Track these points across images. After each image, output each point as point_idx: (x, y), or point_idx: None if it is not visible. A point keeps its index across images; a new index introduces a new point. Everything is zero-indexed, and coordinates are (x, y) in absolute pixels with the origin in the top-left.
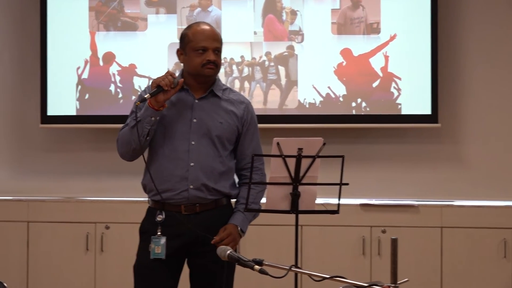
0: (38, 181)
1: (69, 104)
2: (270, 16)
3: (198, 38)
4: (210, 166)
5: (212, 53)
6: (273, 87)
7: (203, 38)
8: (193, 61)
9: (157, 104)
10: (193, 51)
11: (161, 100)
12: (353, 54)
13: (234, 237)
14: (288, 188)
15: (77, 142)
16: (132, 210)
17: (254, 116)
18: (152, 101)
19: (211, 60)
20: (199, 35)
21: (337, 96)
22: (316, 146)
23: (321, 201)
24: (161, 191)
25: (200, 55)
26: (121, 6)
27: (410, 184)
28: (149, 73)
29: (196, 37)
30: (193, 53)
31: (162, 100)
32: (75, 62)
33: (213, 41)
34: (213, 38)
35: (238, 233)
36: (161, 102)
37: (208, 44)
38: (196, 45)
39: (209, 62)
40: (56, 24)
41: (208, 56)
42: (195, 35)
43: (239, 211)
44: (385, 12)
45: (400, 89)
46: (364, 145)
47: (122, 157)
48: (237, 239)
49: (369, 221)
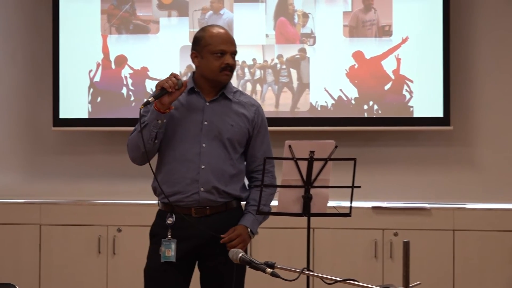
0: (50, 184)
1: (81, 107)
2: (282, 19)
3: (216, 42)
4: (221, 169)
5: (230, 57)
6: (285, 89)
7: (221, 41)
8: (211, 64)
9: (163, 107)
10: (210, 54)
11: (166, 102)
12: (365, 57)
13: (243, 238)
14: (300, 191)
15: (89, 145)
16: (144, 212)
17: (265, 118)
18: (157, 104)
19: (229, 64)
20: (217, 38)
21: (349, 98)
22: (328, 149)
23: (333, 204)
24: (171, 193)
25: (218, 58)
26: (133, 9)
27: (422, 187)
28: (161, 76)
29: (214, 40)
30: (210, 56)
31: (167, 102)
32: (87, 65)
33: (231, 44)
34: (231, 42)
35: (248, 234)
36: (166, 104)
37: (226, 48)
38: (214, 49)
39: (228, 66)
40: (69, 27)
41: (226, 60)
42: (213, 38)
43: (249, 213)
44: (397, 15)
45: (412, 91)
46: (376, 148)
47: (133, 161)
48: (246, 240)
49: (381, 224)
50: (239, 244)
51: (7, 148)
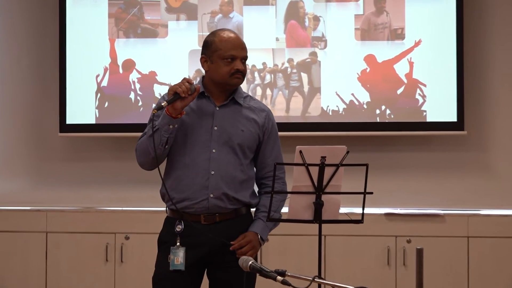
0: (57, 191)
1: (88, 112)
2: (293, 22)
3: (227, 47)
4: (231, 175)
5: (240, 62)
6: (296, 94)
7: (231, 46)
8: (221, 70)
9: (175, 112)
10: (221, 59)
11: (179, 107)
12: (377, 60)
13: (253, 244)
14: (311, 197)
15: (97, 151)
16: (152, 220)
17: (275, 124)
18: (169, 109)
19: (239, 70)
20: (227, 43)
21: (361, 103)
22: (339, 154)
23: (345, 211)
24: (180, 200)
25: (229, 63)
26: (141, 13)
27: (436, 193)
28: (169, 80)
29: (225, 45)
30: (221, 61)
31: (179, 107)
32: (94, 69)
33: (242, 50)
34: (242, 47)
35: (258, 241)
36: (178, 109)
37: (237, 53)
38: (225, 54)
39: (238, 72)
40: (75, 31)
41: (236, 65)
42: (223, 43)
43: (259, 219)
44: (409, 18)
45: (425, 95)
46: (388, 153)
47: (142, 166)
48: (256, 247)
49: (394, 230)
50: (249, 251)
51: (13, 154)
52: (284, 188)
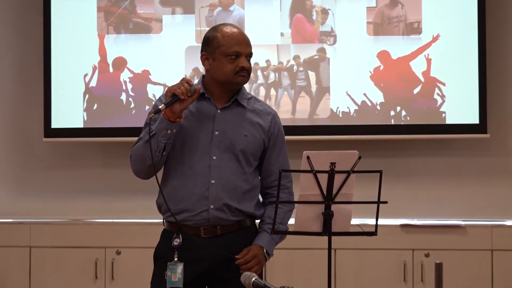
0: (42, 202)
1: (75, 115)
2: (299, 16)
3: (230, 42)
4: (233, 184)
5: (245, 59)
6: (303, 94)
7: (235, 42)
8: (225, 68)
9: (173, 115)
10: (224, 56)
11: (177, 110)
12: (391, 57)
13: (259, 259)
14: (319, 207)
15: (85, 158)
16: (146, 233)
17: (282, 128)
18: (167, 112)
19: (245, 67)
20: (231, 39)
21: (373, 104)
22: (350, 160)
23: (357, 222)
24: (178, 211)
25: (233, 61)
26: (133, 6)
27: (457, 202)
28: (164, 80)
29: (228, 41)
30: (224, 58)
31: (178, 110)
32: (82, 68)
33: (247, 46)
34: (246, 42)
35: (263, 255)
36: (177, 113)
37: (241, 50)
38: (228, 50)
39: (243, 69)
40: (61, 26)
41: (241, 63)
42: (226, 39)
43: (264, 232)
44: (426, 10)
45: (444, 95)
46: (404, 159)
47: (137, 174)
48: (262, 262)
49: (411, 243)
50: (255, 267)
51: None
52: (291, 198)
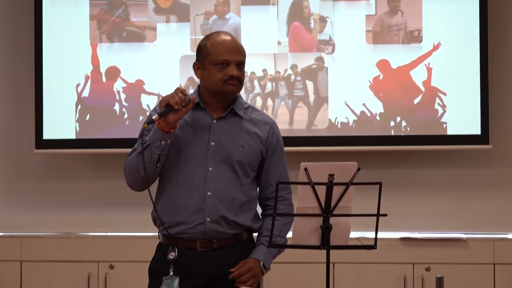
0: (33, 215)
1: (67, 126)
2: (296, 24)
3: (219, 51)
4: (230, 196)
5: (235, 68)
6: (300, 104)
7: (224, 50)
8: (213, 77)
9: (167, 126)
10: (213, 65)
11: (172, 121)
12: (391, 66)
13: (254, 272)
14: (317, 220)
15: (77, 169)
16: (140, 246)
17: (280, 138)
18: (161, 123)
19: (233, 76)
20: (220, 47)
21: (373, 114)
22: (349, 171)
23: (356, 235)
24: (173, 224)
25: (221, 69)
26: (127, 14)
27: (458, 215)
28: (158, 90)
29: (217, 49)
30: (213, 67)
31: (172, 121)
32: (74, 78)
33: (236, 53)
34: (236, 50)
35: (260, 269)
36: (171, 123)
37: (230, 57)
38: (217, 58)
39: (232, 78)
40: (53, 34)
41: (230, 71)
42: (215, 47)
43: (262, 244)
44: (427, 18)
45: (445, 106)
46: (404, 170)
47: (131, 187)
48: (258, 275)
49: (411, 257)
50: (250, 280)
51: None
52: (291, 210)
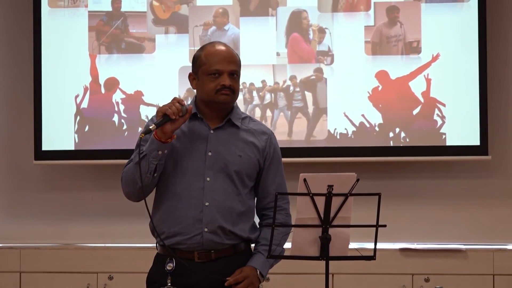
0: (32, 226)
1: (66, 137)
2: (295, 35)
3: (212, 61)
4: (228, 206)
5: (228, 77)
6: (299, 115)
7: (217, 60)
8: (206, 87)
9: (164, 136)
10: (206, 75)
11: (169, 131)
12: (390, 77)
13: (251, 281)
14: (316, 231)
15: (76, 180)
16: (139, 257)
17: (278, 148)
18: (158, 133)
19: (225, 85)
20: (212, 57)
21: (372, 125)
22: (348, 182)
23: (355, 246)
24: (171, 235)
25: (214, 79)
26: (125, 25)
27: (457, 225)
28: (157, 101)
29: (210, 59)
30: (206, 77)
31: (169, 130)
32: (73, 89)
33: (229, 63)
34: (229, 60)
35: (256, 277)
36: (168, 133)
37: (222, 67)
38: (209, 68)
39: (224, 88)
40: (52, 46)
41: (222, 81)
42: (209, 57)
43: (259, 253)
44: (426, 29)
45: (445, 116)
46: (403, 181)
47: (128, 197)
48: (255, 283)
49: (410, 268)
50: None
51: None
52: (289, 220)
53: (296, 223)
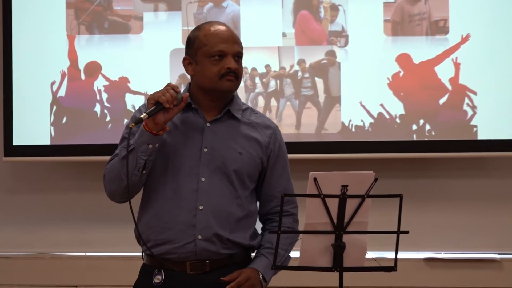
0: (1, 232)
1: (41, 130)
2: (304, 13)
3: (213, 41)
4: (225, 211)
5: (232, 59)
6: (309, 105)
7: (219, 40)
8: (208, 71)
9: (156, 127)
10: (207, 57)
11: (161, 121)
12: (413, 61)
13: (253, 283)
14: (329, 238)
15: (53, 180)
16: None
17: (283, 145)
18: (149, 123)
19: (231, 69)
20: (214, 37)
21: (392, 116)
22: (365, 182)
23: (373, 255)
24: (159, 242)
25: (217, 62)
26: (109, 2)
27: (490, 231)
28: (145, 88)
29: (211, 40)
30: (207, 60)
31: (162, 121)
32: (48, 75)
33: (233, 43)
34: (233, 40)
35: (258, 280)
36: (160, 124)
37: (226, 48)
38: (211, 50)
39: (230, 71)
40: (24, 25)
41: (227, 63)
42: (209, 37)
43: (262, 256)
44: (454, 6)
45: (476, 106)
46: (428, 181)
47: (111, 197)
48: (257, 287)
49: (436, 280)
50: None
51: None
52: (295, 226)
53: (306, 229)
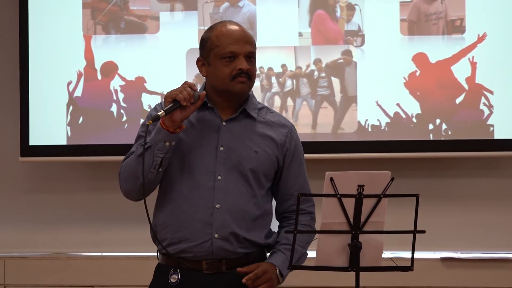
0: (18, 232)
1: (57, 130)
2: (320, 13)
3: (225, 42)
4: (242, 209)
5: (244, 60)
6: (325, 105)
7: (231, 41)
8: (220, 72)
9: (173, 125)
10: (218, 59)
11: (178, 119)
12: (429, 61)
13: (270, 277)
14: (345, 238)
15: (69, 180)
16: (141, 268)
17: (300, 144)
18: (166, 121)
19: (243, 69)
20: (225, 38)
21: (409, 116)
22: (382, 182)
23: (389, 255)
24: (175, 241)
25: (229, 63)
26: (125, 2)
27: (507, 231)
28: (161, 88)
29: (223, 41)
30: (218, 61)
31: (179, 119)
32: (65, 75)
33: (245, 44)
34: (245, 40)
35: (275, 275)
36: (177, 122)
37: (237, 49)
38: (223, 51)
39: (241, 72)
40: (40, 26)
41: (239, 64)
42: (221, 38)
43: (279, 251)
44: (471, 5)
45: (492, 106)
46: (445, 180)
47: (127, 196)
48: (273, 281)
49: (453, 280)
50: (264, 284)
51: None
52: (313, 224)
53: (322, 229)
